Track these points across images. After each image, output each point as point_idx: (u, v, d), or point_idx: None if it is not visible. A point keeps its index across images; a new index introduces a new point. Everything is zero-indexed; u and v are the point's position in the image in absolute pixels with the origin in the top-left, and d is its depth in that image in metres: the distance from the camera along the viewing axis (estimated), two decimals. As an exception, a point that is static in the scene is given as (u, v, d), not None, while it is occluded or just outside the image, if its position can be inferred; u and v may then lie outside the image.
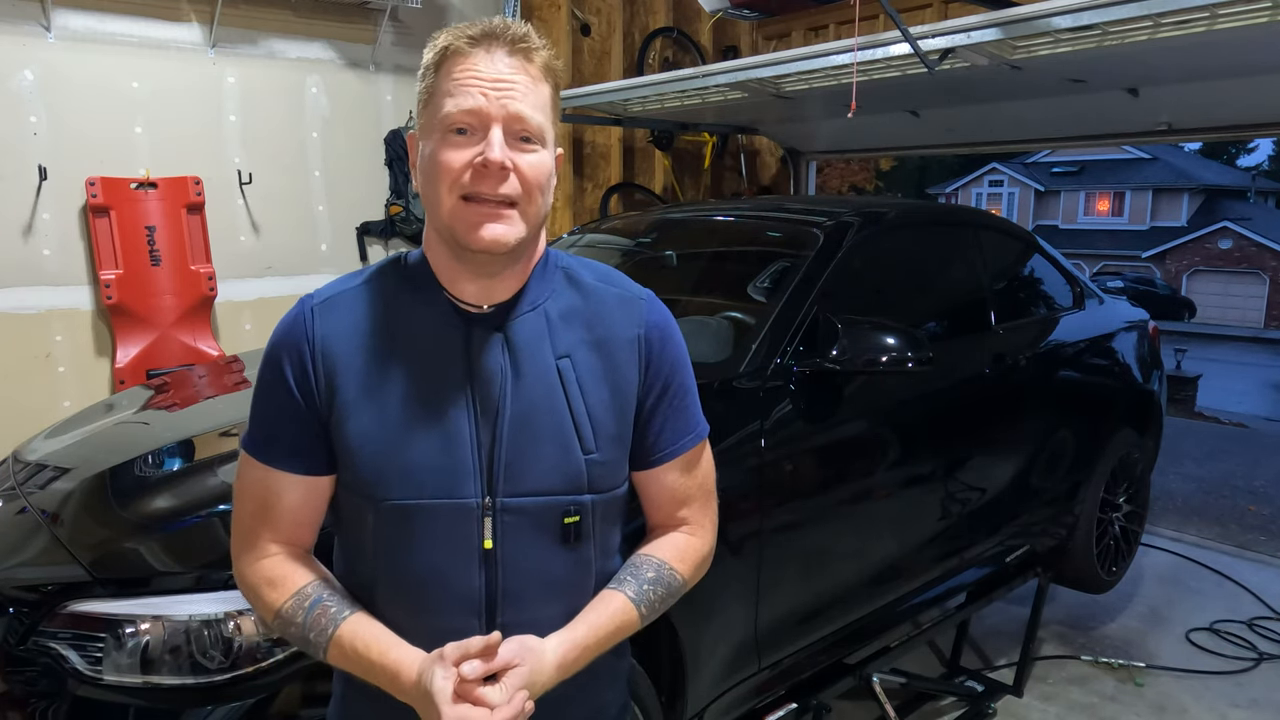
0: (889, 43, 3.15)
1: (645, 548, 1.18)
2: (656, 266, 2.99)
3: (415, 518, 1.04)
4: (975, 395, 2.84)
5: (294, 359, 1.05)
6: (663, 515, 1.19)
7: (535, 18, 5.02)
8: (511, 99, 0.98)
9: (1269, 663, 3.34)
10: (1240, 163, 38.61)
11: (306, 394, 1.05)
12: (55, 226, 3.78)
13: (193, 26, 4.04)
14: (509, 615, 1.06)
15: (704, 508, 1.21)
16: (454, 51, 1.00)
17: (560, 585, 1.09)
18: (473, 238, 1.00)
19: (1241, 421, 10.78)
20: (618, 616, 1.09)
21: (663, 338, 1.14)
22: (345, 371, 1.05)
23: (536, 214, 1.03)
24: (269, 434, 1.07)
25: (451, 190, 0.99)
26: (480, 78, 0.98)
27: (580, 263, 1.16)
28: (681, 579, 1.16)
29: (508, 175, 0.99)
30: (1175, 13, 2.53)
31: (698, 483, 1.19)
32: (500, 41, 1.00)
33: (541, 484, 1.06)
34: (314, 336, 1.05)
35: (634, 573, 1.14)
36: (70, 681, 1.56)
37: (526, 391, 1.05)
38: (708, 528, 1.21)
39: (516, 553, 1.06)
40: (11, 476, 2.19)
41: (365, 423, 1.04)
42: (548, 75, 1.03)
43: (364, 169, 4.59)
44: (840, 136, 5.50)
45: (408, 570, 1.05)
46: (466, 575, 1.05)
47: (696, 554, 1.18)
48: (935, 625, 2.87)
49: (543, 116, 1.01)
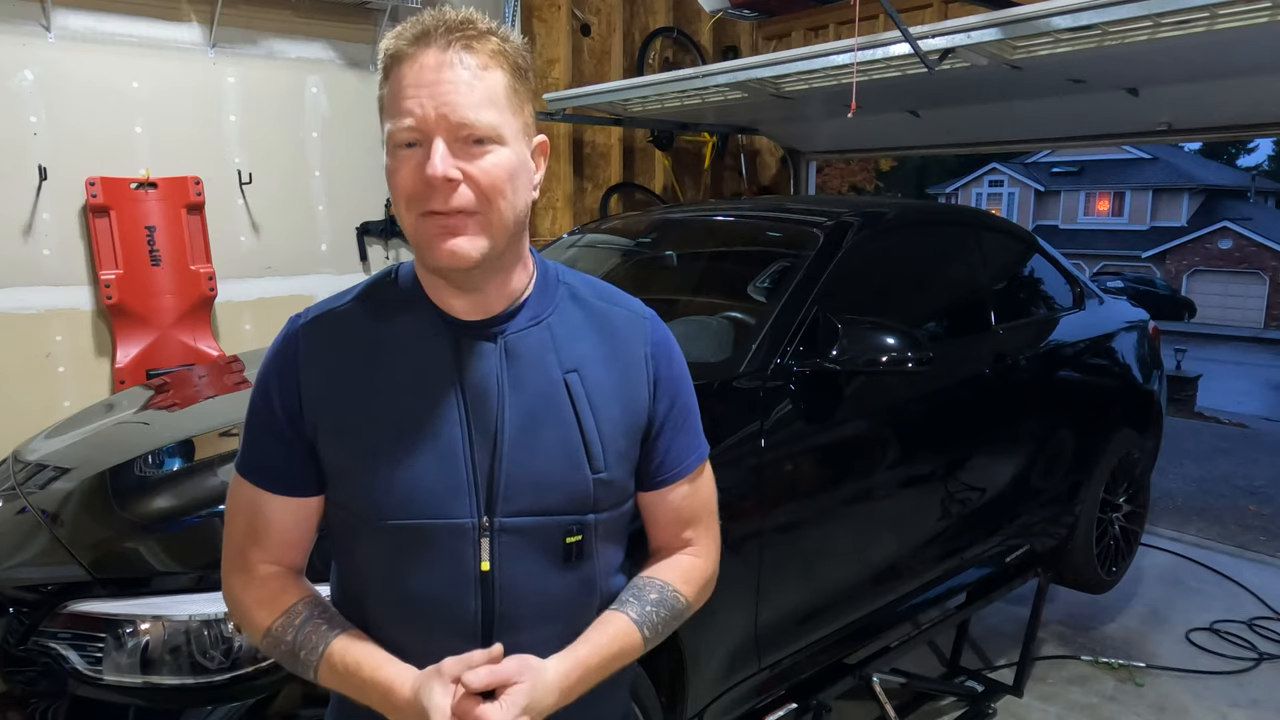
0: (889, 43, 3.15)
1: (648, 570, 1.15)
2: (657, 267, 2.99)
3: (408, 538, 1.00)
4: (975, 395, 2.83)
5: (282, 382, 1.03)
6: (667, 537, 1.17)
7: (535, 18, 5.03)
8: (450, 102, 0.91)
9: (1269, 663, 3.34)
10: (1240, 163, 38.63)
11: (294, 416, 1.02)
12: (55, 226, 3.77)
13: (193, 26, 4.04)
14: (506, 639, 1.01)
15: (708, 529, 1.18)
16: (394, 56, 0.94)
17: (560, 606, 1.06)
18: (432, 255, 0.95)
19: (1241, 421, 10.78)
20: (620, 639, 1.06)
21: (669, 356, 1.12)
22: (333, 391, 1.02)
23: (502, 219, 0.96)
24: (258, 456, 1.05)
25: (409, 207, 0.95)
26: (416, 83, 0.92)
27: (583, 280, 1.13)
28: (685, 601, 1.13)
29: (456, 186, 0.92)
30: (1175, 13, 2.53)
31: (701, 502, 1.17)
32: (435, 36, 0.92)
33: (543, 503, 1.02)
34: (301, 358, 1.03)
35: (637, 594, 1.10)
36: (70, 681, 1.56)
37: (528, 406, 1.02)
38: (712, 550, 1.19)
39: (515, 574, 1.02)
40: (11, 476, 2.19)
41: (354, 442, 1.01)
42: (499, 60, 0.95)
43: (364, 169, 4.58)
44: (840, 136, 5.50)
45: (401, 592, 1.02)
46: (462, 598, 1.01)
47: (701, 575, 1.16)
48: (935, 625, 2.87)
49: (493, 111, 0.93)
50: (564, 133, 5.15)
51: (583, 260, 3.16)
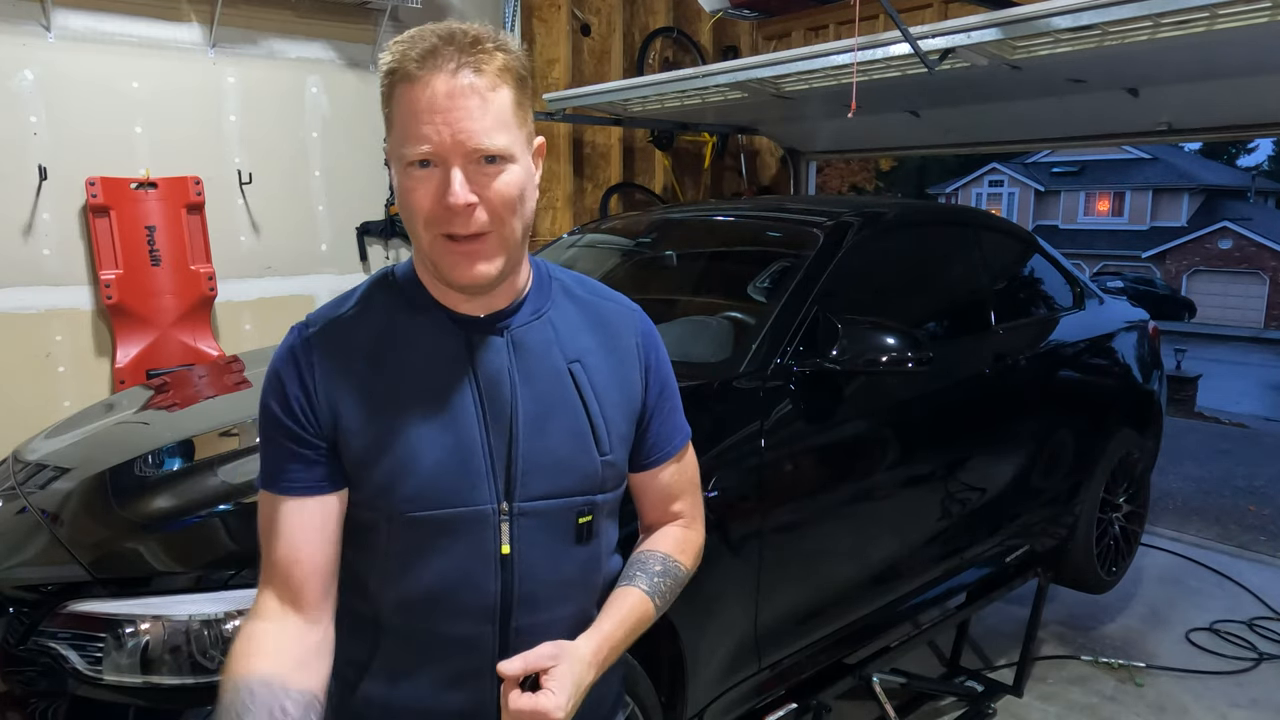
0: (889, 43, 3.15)
1: (646, 544, 1.22)
2: (657, 267, 3.00)
3: (431, 529, 1.03)
4: (975, 395, 2.83)
5: (293, 388, 1.03)
6: (658, 513, 1.25)
7: (535, 18, 5.03)
8: (466, 129, 0.93)
9: (1269, 663, 3.34)
10: (1240, 163, 38.63)
11: (309, 421, 1.03)
12: (55, 226, 3.77)
13: (193, 26, 4.04)
14: (523, 619, 1.07)
15: (694, 501, 1.27)
16: (402, 77, 0.95)
17: (573, 585, 1.11)
18: (454, 276, 0.99)
19: (1241, 421, 10.78)
20: (637, 609, 1.12)
21: (655, 346, 1.19)
22: (348, 392, 1.03)
23: (513, 234, 1.00)
24: (278, 464, 1.04)
25: (427, 228, 0.98)
26: (430, 109, 0.93)
27: (573, 277, 1.18)
28: (685, 569, 1.21)
29: (474, 210, 0.96)
30: (1175, 13, 2.53)
31: (688, 478, 1.25)
32: (445, 59, 0.93)
33: (559, 486, 1.07)
34: (313, 361, 1.04)
35: (641, 568, 1.17)
36: (70, 681, 1.56)
37: (539, 394, 1.06)
38: (699, 519, 1.28)
39: (533, 556, 1.07)
40: (11, 476, 2.19)
41: (372, 439, 1.02)
42: (505, 77, 0.97)
43: (364, 169, 4.59)
44: (840, 136, 5.50)
45: (422, 582, 1.05)
46: (484, 582, 1.05)
47: (693, 544, 1.25)
48: (935, 625, 2.87)
49: (504, 133, 0.96)
50: (564, 133, 5.15)
51: (582, 260, 3.16)
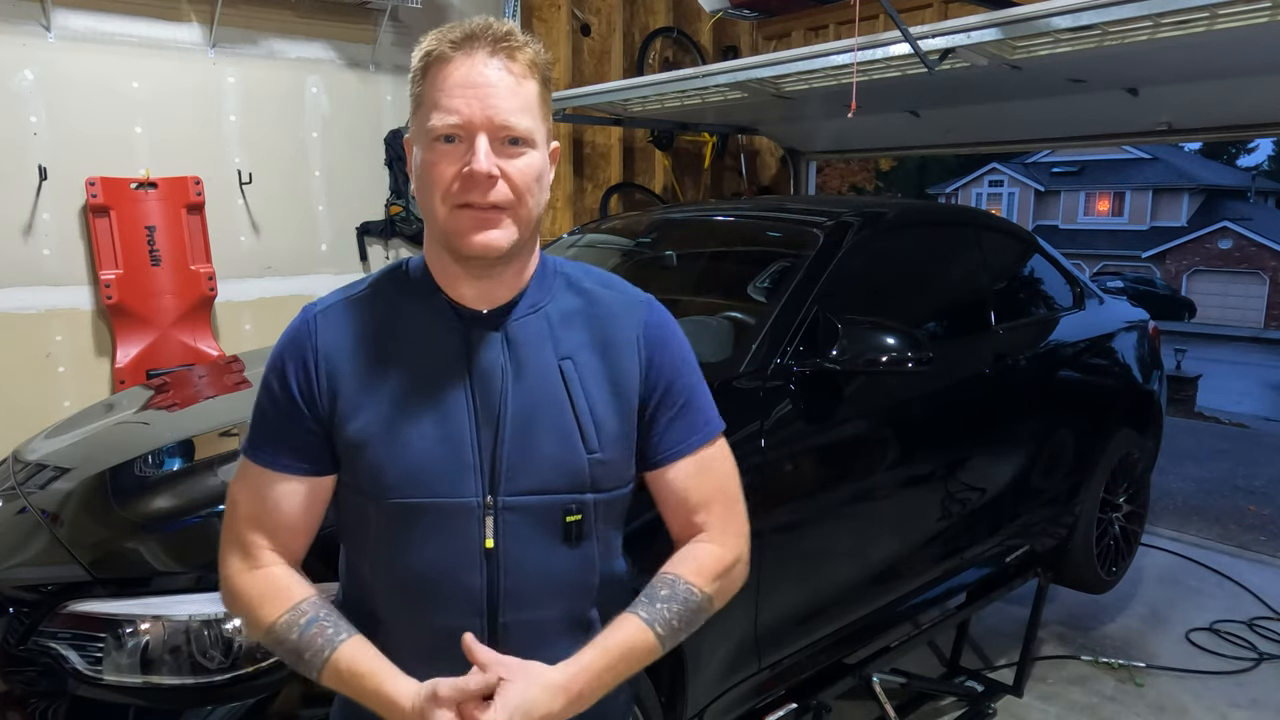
0: (889, 43, 3.15)
1: (666, 565, 1.13)
2: (657, 267, 2.99)
3: (416, 516, 1.05)
4: (975, 395, 2.83)
5: (298, 365, 1.07)
6: (679, 523, 1.16)
7: (535, 18, 5.03)
8: (495, 105, 0.98)
9: (1269, 663, 3.34)
10: (1240, 163, 38.60)
11: (310, 399, 1.07)
12: (55, 226, 3.77)
13: (193, 26, 4.04)
14: (510, 615, 1.07)
15: (725, 514, 1.15)
16: (437, 58, 1.00)
17: (562, 584, 1.10)
18: (466, 243, 1.01)
19: (1241, 421, 10.78)
20: (630, 639, 1.04)
21: (663, 339, 1.15)
22: (347, 375, 1.07)
23: (529, 215, 1.03)
24: (272, 438, 1.08)
25: (445, 200, 1.01)
26: (464, 84, 0.99)
27: (581, 269, 1.18)
28: (701, 594, 1.10)
29: (496, 182, 0.99)
30: (1175, 13, 2.53)
31: (714, 485, 1.15)
32: (482, 43, 1.00)
33: (543, 482, 1.06)
34: (317, 343, 1.08)
35: (648, 594, 1.09)
36: (70, 681, 1.56)
37: (528, 390, 1.07)
38: (731, 535, 1.15)
39: (518, 552, 1.06)
40: (11, 476, 2.18)
41: (366, 422, 1.05)
42: (533, 71, 1.03)
43: (364, 169, 4.59)
44: (840, 136, 5.50)
45: (409, 569, 1.06)
46: (468, 575, 1.06)
47: (718, 564, 1.12)
48: (935, 625, 2.87)
49: (529, 117, 1.01)
50: (564, 133, 5.15)
51: (583, 260, 3.16)
